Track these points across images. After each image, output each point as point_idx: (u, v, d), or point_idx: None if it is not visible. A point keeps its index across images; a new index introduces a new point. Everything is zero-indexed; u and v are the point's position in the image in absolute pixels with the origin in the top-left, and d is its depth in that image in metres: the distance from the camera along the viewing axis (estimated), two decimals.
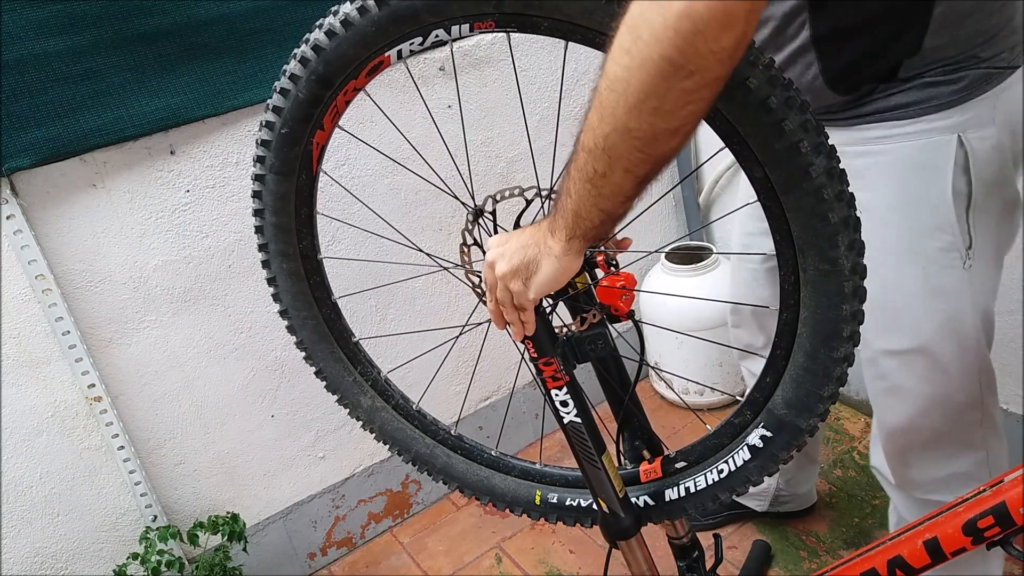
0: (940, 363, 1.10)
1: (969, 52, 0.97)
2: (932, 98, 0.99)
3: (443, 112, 1.81)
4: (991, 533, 0.84)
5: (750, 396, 0.93)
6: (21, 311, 1.47)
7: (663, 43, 0.60)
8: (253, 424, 1.79)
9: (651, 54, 0.61)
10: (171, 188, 1.57)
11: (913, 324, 1.09)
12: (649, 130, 0.65)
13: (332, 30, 0.86)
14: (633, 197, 0.72)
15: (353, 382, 1.17)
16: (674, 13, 0.59)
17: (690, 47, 0.60)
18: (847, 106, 1.05)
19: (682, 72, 0.61)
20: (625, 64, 0.63)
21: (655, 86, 0.62)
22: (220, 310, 1.68)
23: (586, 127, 0.69)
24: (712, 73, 0.62)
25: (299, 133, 0.95)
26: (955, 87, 0.98)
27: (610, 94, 0.65)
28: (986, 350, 1.12)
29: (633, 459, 1.11)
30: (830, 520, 1.77)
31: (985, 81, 0.98)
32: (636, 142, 0.66)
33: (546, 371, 0.95)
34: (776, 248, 0.81)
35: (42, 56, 1.36)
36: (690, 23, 0.59)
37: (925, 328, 1.08)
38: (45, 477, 1.57)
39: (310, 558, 1.95)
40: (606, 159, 0.69)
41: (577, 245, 0.78)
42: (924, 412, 1.14)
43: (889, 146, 1.03)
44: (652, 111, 0.64)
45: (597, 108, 0.67)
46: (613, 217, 0.74)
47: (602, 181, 0.70)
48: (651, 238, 2.25)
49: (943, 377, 1.11)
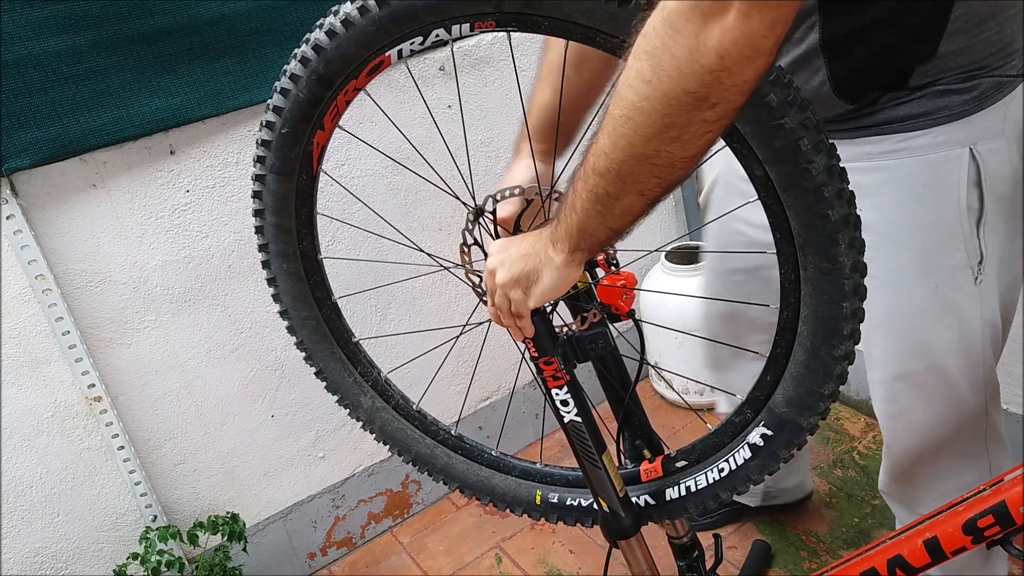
0: (950, 380, 1.08)
1: (983, 60, 0.94)
2: (943, 108, 0.95)
3: (443, 112, 1.81)
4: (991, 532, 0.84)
5: (751, 394, 0.93)
6: (21, 311, 1.47)
7: (688, 77, 0.60)
8: (253, 424, 1.79)
9: (674, 87, 0.61)
10: (171, 188, 1.57)
11: (924, 343, 1.06)
12: (668, 158, 0.65)
13: (333, 30, 0.86)
14: (642, 216, 0.72)
15: (353, 382, 1.17)
16: (702, 50, 0.58)
17: (716, 82, 0.59)
18: (852, 116, 1.01)
19: (704, 105, 0.61)
20: (645, 94, 0.62)
21: (676, 118, 0.62)
22: (220, 310, 1.68)
23: (597, 150, 0.69)
24: (733, 104, 0.62)
25: (299, 133, 0.95)
26: (967, 96, 0.95)
27: (627, 122, 0.64)
28: (993, 362, 1.10)
29: (633, 458, 1.11)
30: (830, 520, 1.77)
31: (996, 90, 0.95)
32: (653, 168, 0.66)
33: (546, 370, 0.95)
34: (776, 246, 0.81)
35: (42, 56, 1.36)
36: (718, 60, 0.58)
37: (936, 346, 1.06)
38: (45, 477, 1.57)
39: (310, 558, 1.95)
40: (620, 183, 0.68)
41: (580, 257, 0.79)
42: (933, 431, 1.13)
43: (898, 161, 1.00)
44: (671, 140, 0.64)
45: (611, 134, 0.66)
46: (620, 234, 0.75)
47: (613, 203, 0.70)
48: (651, 238, 2.25)
49: (952, 394, 1.09)
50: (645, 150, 0.65)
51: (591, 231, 0.74)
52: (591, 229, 0.74)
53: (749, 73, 0.60)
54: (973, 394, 1.09)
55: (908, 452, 1.17)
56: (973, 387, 1.09)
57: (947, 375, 1.08)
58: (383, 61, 0.89)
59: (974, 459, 1.15)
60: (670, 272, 2.07)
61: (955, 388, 1.09)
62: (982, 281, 1.02)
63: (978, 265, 1.01)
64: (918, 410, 1.12)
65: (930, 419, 1.12)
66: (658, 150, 0.65)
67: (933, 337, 1.06)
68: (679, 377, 2.13)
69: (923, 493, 1.20)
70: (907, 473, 1.20)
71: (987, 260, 1.01)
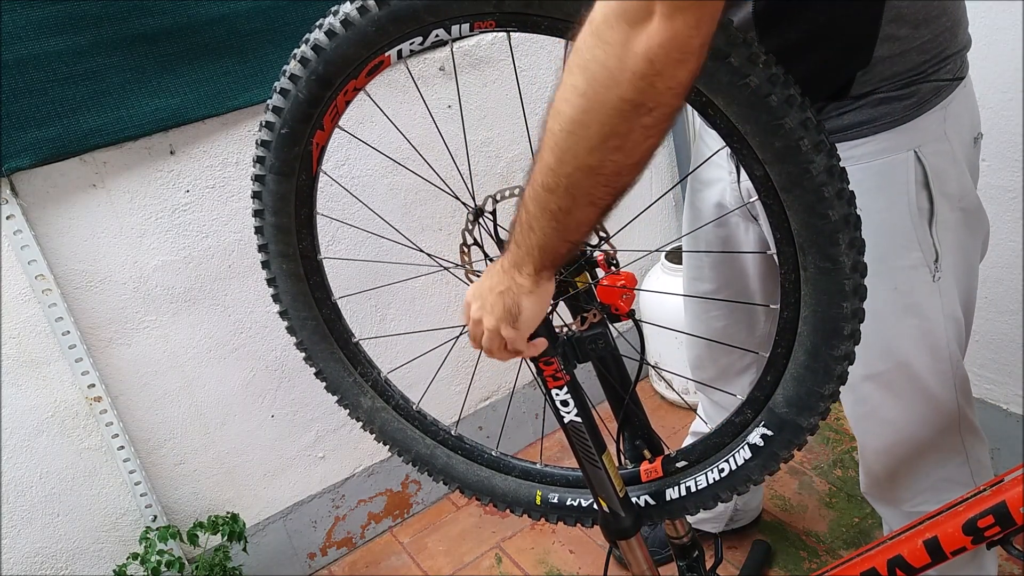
0: (917, 378, 1.10)
1: (919, 67, 0.96)
2: (885, 115, 0.98)
3: (443, 112, 1.81)
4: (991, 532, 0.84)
5: (751, 395, 0.93)
6: (21, 311, 1.47)
7: (622, 85, 0.60)
8: (253, 424, 1.79)
9: (610, 97, 0.61)
10: (171, 188, 1.57)
11: (888, 343, 1.08)
12: (613, 167, 0.66)
13: (332, 30, 0.86)
14: (597, 223, 0.74)
15: (353, 383, 1.17)
16: (632, 57, 0.59)
17: (649, 87, 0.60)
18: None
19: (642, 110, 0.62)
20: (582, 107, 0.63)
21: (615, 127, 0.63)
22: (220, 310, 1.68)
23: (543, 167, 0.70)
24: (670, 107, 0.63)
25: (299, 133, 0.96)
26: (907, 102, 0.97)
27: (569, 136, 0.65)
28: (959, 356, 1.12)
29: (634, 459, 1.11)
30: (830, 520, 1.77)
31: (935, 95, 0.98)
32: (600, 178, 0.67)
33: (546, 371, 0.95)
34: (776, 246, 0.82)
35: (42, 56, 1.36)
36: (648, 64, 0.59)
37: (901, 345, 1.08)
38: (45, 477, 1.57)
39: (310, 558, 1.95)
40: (570, 197, 0.69)
41: (547, 274, 0.80)
42: (905, 428, 1.14)
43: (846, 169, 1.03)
44: (614, 149, 0.65)
45: (554, 149, 0.67)
46: (579, 244, 0.77)
47: (567, 217, 0.71)
48: (651, 238, 2.25)
49: (921, 391, 1.11)
50: (590, 161, 0.66)
51: (551, 248, 0.76)
52: (551, 246, 0.75)
53: (682, 75, 0.60)
54: (942, 389, 1.11)
55: (883, 452, 1.18)
56: (942, 382, 1.11)
57: (914, 372, 1.09)
58: (383, 61, 0.89)
59: (951, 453, 1.16)
60: (670, 272, 2.07)
61: (923, 385, 1.10)
62: (940, 278, 1.04)
63: (934, 263, 1.03)
64: (888, 409, 1.13)
65: (901, 417, 1.13)
66: (603, 160, 0.66)
67: (897, 337, 1.08)
68: (679, 377, 2.13)
69: (904, 491, 1.21)
70: (887, 473, 1.21)
71: (942, 257, 1.03)
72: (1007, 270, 1.55)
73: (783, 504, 1.83)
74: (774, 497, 1.85)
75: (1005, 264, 1.55)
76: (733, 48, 0.72)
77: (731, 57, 0.71)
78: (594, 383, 1.09)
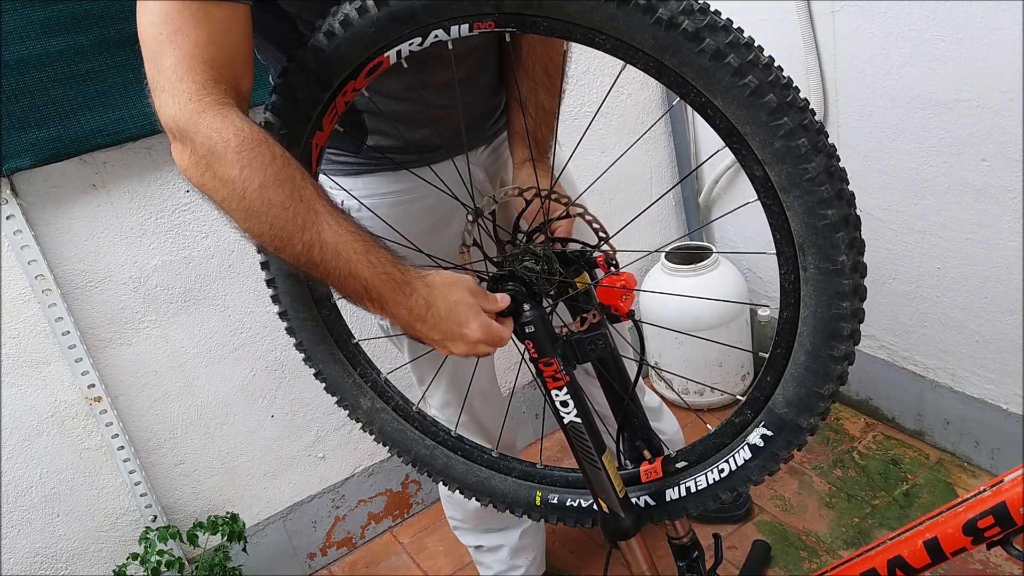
0: None
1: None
2: None
3: None
4: (991, 533, 0.84)
5: (751, 395, 0.93)
6: (21, 311, 1.47)
7: (233, 200, 0.93)
8: (253, 424, 1.79)
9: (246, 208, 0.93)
10: (171, 188, 1.57)
11: None
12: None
13: (331, 31, 0.86)
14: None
15: (353, 384, 1.17)
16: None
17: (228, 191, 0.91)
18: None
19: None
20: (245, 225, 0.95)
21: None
22: (220, 310, 1.68)
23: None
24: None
25: (298, 134, 0.96)
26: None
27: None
28: None
29: (633, 459, 1.11)
30: (830, 520, 1.77)
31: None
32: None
33: (546, 371, 0.95)
34: (776, 247, 0.81)
35: (42, 56, 1.36)
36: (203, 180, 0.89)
37: None
38: (45, 477, 1.57)
39: (310, 558, 1.95)
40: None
41: (412, 278, 0.94)
42: None
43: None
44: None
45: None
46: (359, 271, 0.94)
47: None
48: (651, 238, 2.25)
49: None
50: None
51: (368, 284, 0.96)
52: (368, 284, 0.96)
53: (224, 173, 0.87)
54: None
55: None
56: None
57: None
58: (382, 62, 0.89)
59: None
60: (670, 272, 2.07)
61: None
62: None
63: None
64: None
65: None
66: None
67: None
68: (679, 377, 2.13)
69: None
70: None
71: None
72: (1007, 270, 1.55)
73: (783, 504, 1.83)
74: (774, 497, 1.85)
75: (1005, 264, 1.55)
76: (733, 48, 0.72)
77: (730, 57, 0.71)
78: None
